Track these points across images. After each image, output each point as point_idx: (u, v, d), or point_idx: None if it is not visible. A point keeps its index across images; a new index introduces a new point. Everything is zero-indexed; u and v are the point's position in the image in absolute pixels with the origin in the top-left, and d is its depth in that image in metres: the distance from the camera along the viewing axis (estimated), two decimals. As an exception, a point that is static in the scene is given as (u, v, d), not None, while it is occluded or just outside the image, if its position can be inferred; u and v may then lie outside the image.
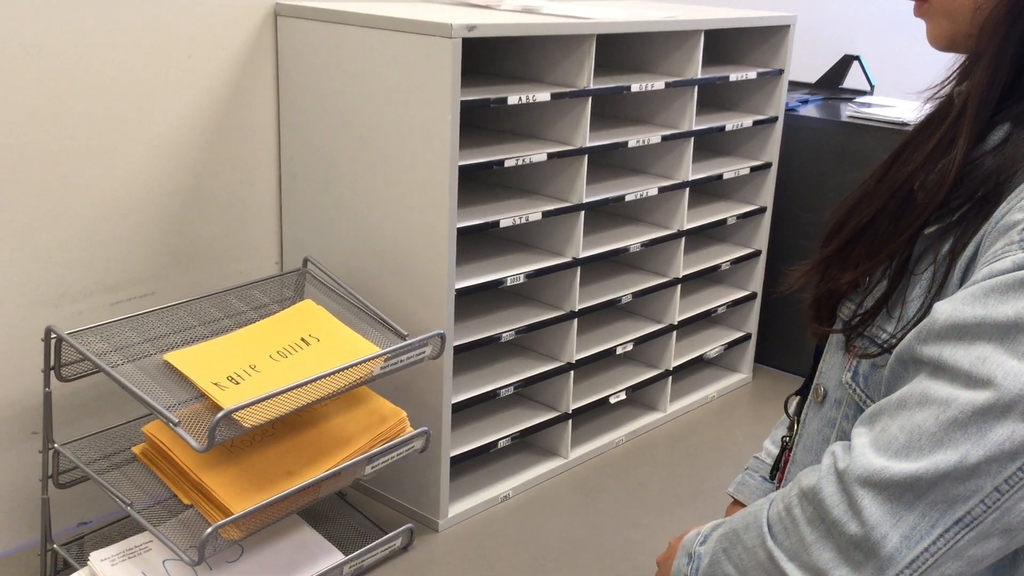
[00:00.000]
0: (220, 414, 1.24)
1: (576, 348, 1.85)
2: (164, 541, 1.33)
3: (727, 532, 0.88)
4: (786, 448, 1.14)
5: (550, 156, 1.70)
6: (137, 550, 1.43)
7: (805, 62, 2.50)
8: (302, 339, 1.43)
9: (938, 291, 0.82)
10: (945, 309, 0.75)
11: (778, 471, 1.17)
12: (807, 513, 0.78)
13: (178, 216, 1.66)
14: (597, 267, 2.00)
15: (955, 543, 0.73)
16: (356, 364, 1.39)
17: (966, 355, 0.73)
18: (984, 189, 0.82)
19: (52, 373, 1.40)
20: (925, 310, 0.83)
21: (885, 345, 0.87)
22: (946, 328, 0.75)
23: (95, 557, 1.40)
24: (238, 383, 1.33)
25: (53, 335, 1.38)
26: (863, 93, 2.53)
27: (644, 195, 1.90)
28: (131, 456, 1.47)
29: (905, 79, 1.24)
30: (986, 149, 0.84)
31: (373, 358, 1.42)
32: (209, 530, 1.29)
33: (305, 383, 1.33)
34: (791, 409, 1.17)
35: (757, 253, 2.25)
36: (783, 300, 1.24)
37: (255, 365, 1.37)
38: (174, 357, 1.38)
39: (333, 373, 1.36)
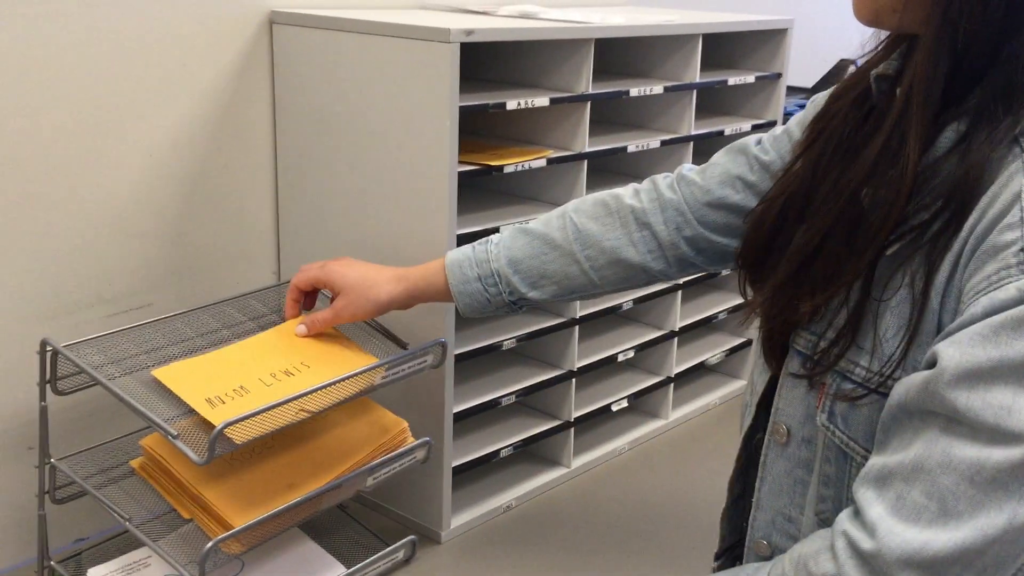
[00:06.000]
0: (220, 426, 1.22)
1: (578, 355, 1.84)
2: (163, 556, 1.30)
3: None
4: (745, 491, 1.05)
5: (549, 162, 1.68)
6: (136, 566, 1.41)
7: (802, 67, 2.49)
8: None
9: (919, 320, 0.75)
10: (953, 355, 0.68)
11: (738, 511, 1.09)
12: None
13: (174, 226, 1.65)
14: (597, 274, 1.98)
15: None
16: (356, 375, 1.37)
17: (986, 405, 0.66)
18: (953, 201, 0.73)
19: (48, 386, 1.37)
20: (907, 343, 0.76)
21: (864, 383, 0.80)
22: (958, 376, 0.68)
23: (93, 573, 1.38)
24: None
25: (48, 348, 1.36)
26: (860, 97, 2.52)
27: (644, 200, 1.89)
28: (129, 470, 1.44)
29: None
30: (939, 154, 0.76)
31: (373, 368, 1.40)
32: (209, 544, 1.27)
33: (304, 394, 1.30)
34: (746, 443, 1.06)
35: (757, 258, 2.23)
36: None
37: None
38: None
39: (333, 384, 1.34)
